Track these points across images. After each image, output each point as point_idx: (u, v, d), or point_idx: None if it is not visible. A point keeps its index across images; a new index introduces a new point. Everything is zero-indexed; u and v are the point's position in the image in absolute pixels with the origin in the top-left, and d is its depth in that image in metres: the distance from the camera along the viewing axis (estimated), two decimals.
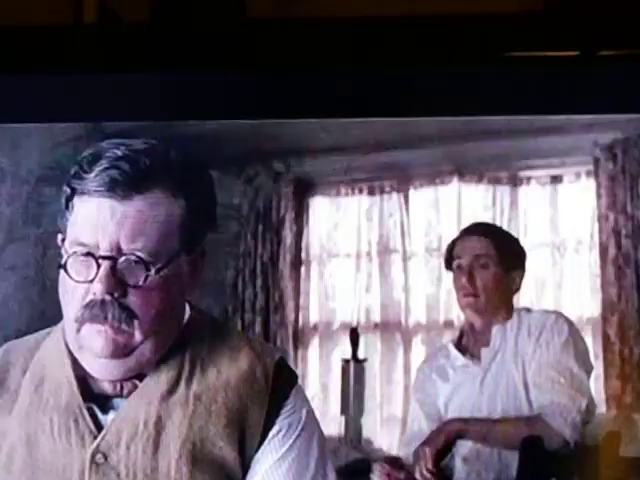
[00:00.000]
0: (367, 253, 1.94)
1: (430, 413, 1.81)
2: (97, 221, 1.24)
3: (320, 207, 1.96)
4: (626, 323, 1.79)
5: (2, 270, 1.80)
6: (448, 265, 1.85)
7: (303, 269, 1.96)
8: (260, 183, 1.95)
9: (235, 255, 1.94)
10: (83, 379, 1.29)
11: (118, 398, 1.28)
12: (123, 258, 1.23)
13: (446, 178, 1.90)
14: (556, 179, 1.88)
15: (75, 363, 1.30)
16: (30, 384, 1.30)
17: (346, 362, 1.90)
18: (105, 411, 1.28)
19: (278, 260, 1.95)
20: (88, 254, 1.23)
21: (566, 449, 1.71)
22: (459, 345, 1.84)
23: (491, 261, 1.82)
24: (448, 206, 1.90)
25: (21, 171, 1.83)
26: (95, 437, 1.26)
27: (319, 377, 1.93)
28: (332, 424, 1.87)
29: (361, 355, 1.90)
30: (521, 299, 1.85)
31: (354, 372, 1.89)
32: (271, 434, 1.26)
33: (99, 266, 1.22)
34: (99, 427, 1.27)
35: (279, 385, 1.29)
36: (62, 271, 1.27)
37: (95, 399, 1.29)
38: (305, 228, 1.96)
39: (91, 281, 1.23)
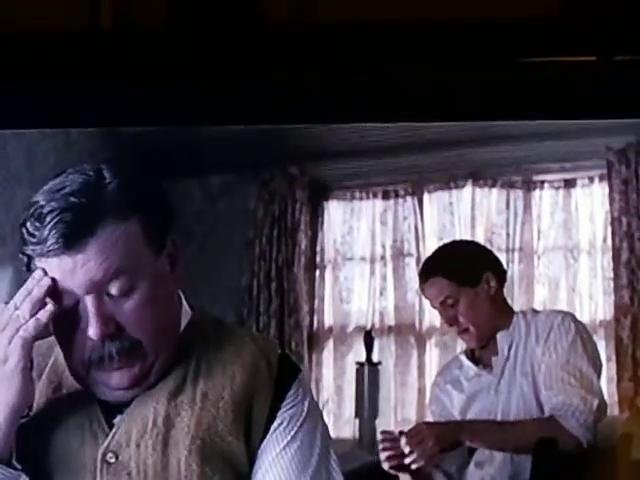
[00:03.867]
0: (381, 257, 1.95)
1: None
2: (64, 276, 1.23)
3: (335, 211, 1.97)
4: (639, 325, 1.80)
5: (20, 274, 1.80)
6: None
7: (318, 272, 1.97)
8: (275, 187, 1.96)
9: (250, 259, 1.95)
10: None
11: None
12: (104, 295, 1.22)
13: (460, 182, 1.91)
14: (569, 183, 1.89)
15: (88, 375, 1.30)
16: (48, 387, 1.31)
17: (360, 365, 1.91)
18: (117, 412, 1.29)
19: (293, 264, 1.95)
20: (71, 301, 1.22)
21: (579, 450, 1.72)
22: (472, 355, 1.84)
23: (455, 295, 1.79)
24: (462, 210, 1.91)
25: (36, 176, 1.83)
26: (107, 436, 1.27)
27: (333, 380, 1.94)
28: (346, 427, 1.88)
29: (375, 358, 1.91)
30: (535, 302, 1.87)
31: (368, 375, 1.90)
32: (273, 426, 1.27)
33: (86, 310, 1.21)
34: (111, 427, 1.28)
35: (282, 378, 1.29)
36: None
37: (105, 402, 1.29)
38: (320, 232, 1.97)
39: (83, 328, 1.22)
